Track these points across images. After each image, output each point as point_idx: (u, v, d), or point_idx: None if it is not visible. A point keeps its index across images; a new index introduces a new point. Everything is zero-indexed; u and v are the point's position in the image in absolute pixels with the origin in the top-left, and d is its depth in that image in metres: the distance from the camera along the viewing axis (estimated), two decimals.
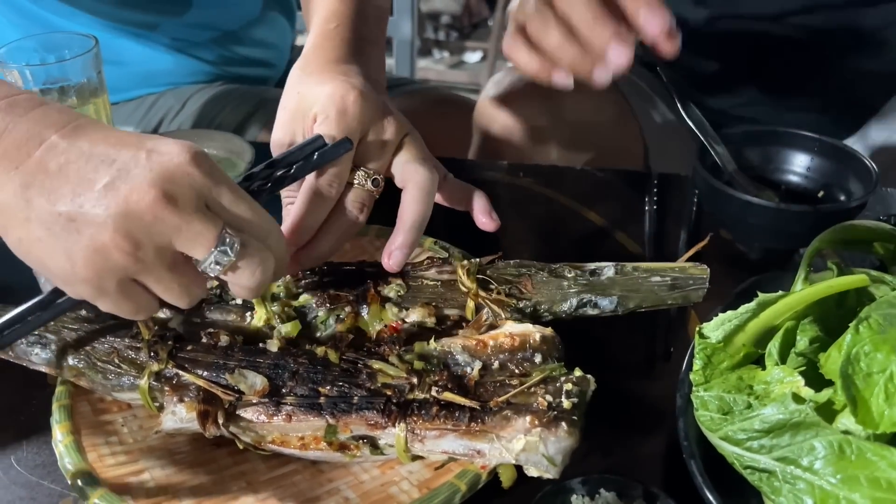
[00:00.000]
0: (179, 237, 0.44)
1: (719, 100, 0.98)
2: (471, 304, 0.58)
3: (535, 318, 0.57)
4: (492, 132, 0.98)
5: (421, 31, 3.77)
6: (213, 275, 0.46)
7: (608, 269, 0.58)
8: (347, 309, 0.58)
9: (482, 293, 0.58)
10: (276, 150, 0.61)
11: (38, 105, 0.47)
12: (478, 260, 0.60)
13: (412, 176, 0.59)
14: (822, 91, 0.99)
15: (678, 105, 0.77)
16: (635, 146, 1.05)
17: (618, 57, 0.57)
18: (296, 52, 1.29)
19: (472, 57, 3.82)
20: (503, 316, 0.56)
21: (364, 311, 0.58)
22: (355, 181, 0.59)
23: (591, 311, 0.58)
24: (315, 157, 0.55)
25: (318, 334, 0.58)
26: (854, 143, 1.02)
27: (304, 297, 0.59)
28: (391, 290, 0.59)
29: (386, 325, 0.58)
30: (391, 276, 0.60)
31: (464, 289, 0.58)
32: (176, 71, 1.10)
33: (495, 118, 0.98)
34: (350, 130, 0.57)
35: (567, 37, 0.58)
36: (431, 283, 0.59)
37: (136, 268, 0.44)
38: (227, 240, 0.45)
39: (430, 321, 0.58)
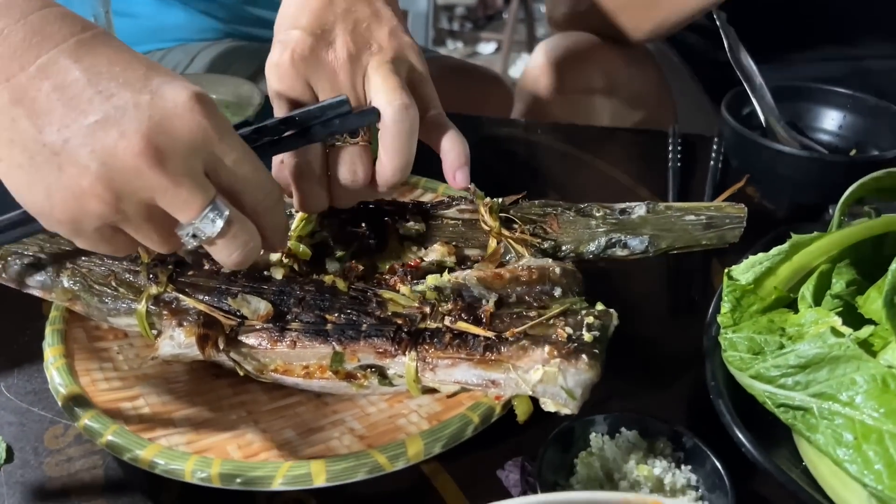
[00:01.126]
0: (163, 198, 0.40)
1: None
2: (492, 243, 0.55)
3: (559, 259, 0.54)
4: (536, 98, 0.96)
5: (436, 22, 3.74)
6: (188, 246, 0.43)
7: (639, 208, 0.55)
8: (364, 245, 0.56)
9: (505, 232, 0.55)
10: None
11: (38, 7, 0.41)
12: (501, 199, 0.57)
13: (383, 112, 0.49)
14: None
15: (727, 50, 0.74)
16: (668, 113, 1.02)
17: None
18: None
19: (487, 48, 3.80)
20: (526, 255, 0.53)
21: (381, 249, 0.56)
22: (336, 141, 0.51)
23: (619, 252, 0.54)
24: (336, 122, 0.48)
25: (333, 270, 0.56)
26: None
27: (320, 234, 0.56)
28: (410, 229, 0.56)
29: (404, 265, 0.55)
30: (410, 213, 0.57)
31: (486, 227, 0.55)
32: (187, 26, 1.08)
33: (541, 85, 0.96)
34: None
35: None
36: (452, 221, 0.57)
37: (116, 218, 0.41)
38: (212, 213, 0.41)
39: (450, 260, 0.55)
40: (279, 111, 0.51)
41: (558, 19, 1.04)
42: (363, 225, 0.57)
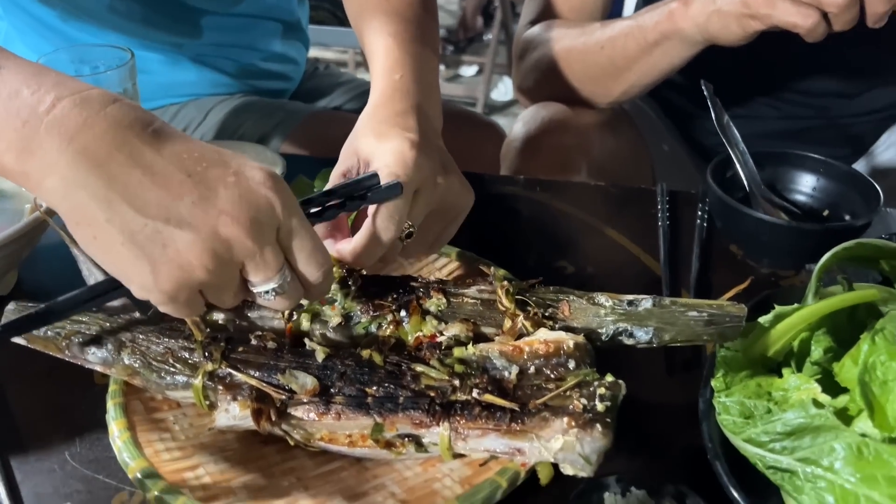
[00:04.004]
0: (251, 262, 0.47)
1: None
2: (508, 323, 0.60)
3: None
4: (518, 165, 1.03)
5: None
6: (260, 301, 0.50)
7: (646, 301, 0.60)
8: (389, 318, 0.61)
9: (519, 313, 0.60)
10: (333, 181, 0.64)
11: (111, 101, 0.46)
12: (517, 282, 0.63)
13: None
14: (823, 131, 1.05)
15: (714, 119, 0.81)
16: (645, 168, 1.09)
17: None
18: (310, 64, 1.33)
19: (468, 71, 3.87)
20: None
21: (405, 322, 0.61)
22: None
23: (626, 341, 0.59)
24: (368, 195, 0.58)
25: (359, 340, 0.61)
26: (860, 164, 1.07)
27: (350, 304, 0.62)
28: (432, 305, 0.62)
29: (425, 336, 0.61)
30: (434, 290, 0.62)
31: (502, 308, 0.61)
32: (198, 82, 1.13)
33: (521, 153, 1.02)
34: (408, 184, 0.59)
35: None
36: (471, 301, 0.62)
37: (211, 284, 0.47)
38: (281, 277, 0.49)
39: (467, 337, 0.60)
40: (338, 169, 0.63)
41: (528, 88, 1.10)
42: (390, 298, 0.63)
